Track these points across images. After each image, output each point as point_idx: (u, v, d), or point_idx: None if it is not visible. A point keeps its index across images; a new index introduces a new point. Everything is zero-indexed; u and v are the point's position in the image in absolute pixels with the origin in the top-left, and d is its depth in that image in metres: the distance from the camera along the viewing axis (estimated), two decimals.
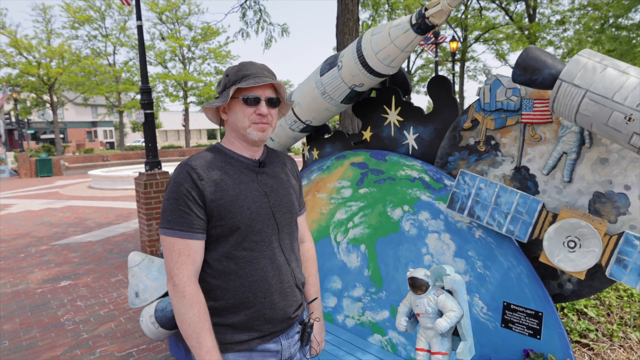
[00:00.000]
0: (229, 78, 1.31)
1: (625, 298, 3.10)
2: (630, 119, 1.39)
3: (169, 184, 1.24)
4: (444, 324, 1.51)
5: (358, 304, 2.67)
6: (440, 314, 1.58)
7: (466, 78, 25.10)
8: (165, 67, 25.86)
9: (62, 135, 39.87)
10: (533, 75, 1.61)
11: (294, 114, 2.74)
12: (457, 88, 22.29)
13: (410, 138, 2.48)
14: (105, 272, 5.20)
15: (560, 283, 1.97)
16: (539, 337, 1.90)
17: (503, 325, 2.02)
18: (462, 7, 19.25)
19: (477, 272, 2.11)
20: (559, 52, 19.31)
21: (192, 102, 27.08)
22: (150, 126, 5.88)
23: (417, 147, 2.45)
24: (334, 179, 2.88)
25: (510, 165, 2.06)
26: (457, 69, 21.98)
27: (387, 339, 2.48)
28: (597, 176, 1.79)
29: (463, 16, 20.08)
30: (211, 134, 56.64)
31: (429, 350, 1.62)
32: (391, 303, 2.49)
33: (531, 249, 2.01)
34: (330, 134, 3.08)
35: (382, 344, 2.50)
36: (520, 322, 1.96)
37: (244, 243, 1.26)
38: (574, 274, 1.75)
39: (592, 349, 2.46)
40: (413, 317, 1.70)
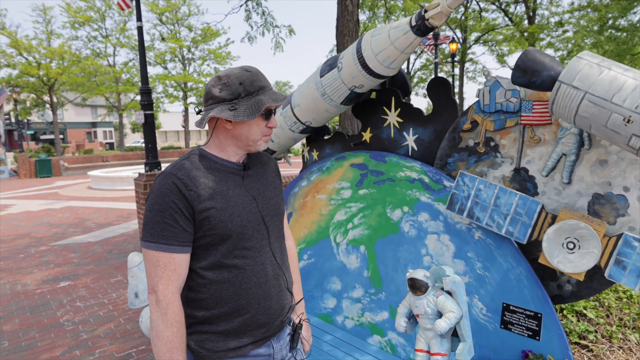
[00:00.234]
0: (243, 87, 1.22)
1: (625, 299, 3.10)
2: (629, 121, 1.39)
3: (152, 195, 1.18)
4: (443, 325, 1.51)
5: (357, 305, 2.67)
6: (440, 315, 1.58)
7: (466, 79, 25.13)
8: (165, 68, 25.86)
9: (61, 136, 39.84)
10: (532, 77, 1.62)
11: (294, 115, 2.74)
12: (457, 89, 22.32)
13: (410, 139, 2.48)
14: (105, 273, 5.19)
15: (560, 284, 1.98)
16: (538, 338, 1.90)
17: (502, 326, 2.02)
18: (462, 9, 19.28)
19: (476, 273, 2.11)
20: (559, 55, 19.35)
21: (191, 103, 27.06)
22: (150, 127, 5.88)
23: (416, 148, 2.46)
24: (334, 180, 2.88)
25: (509, 166, 2.06)
26: (457, 70, 22.01)
27: (387, 340, 2.48)
28: (596, 178, 1.80)
29: (463, 18, 20.11)
30: None
31: (428, 351, 1.63)
32: (390, 304, 2.49)
33: (530, 250, 2.01)
34: (330, 135, 3.08)
35: (382, 345, 2.50)
36: (520, 323, 1.96)
37: (236, 251, 1.23)
38: (573, 275, 1.75)
39: (591, 351, 2.46)
40: (412, 318, 1.71)
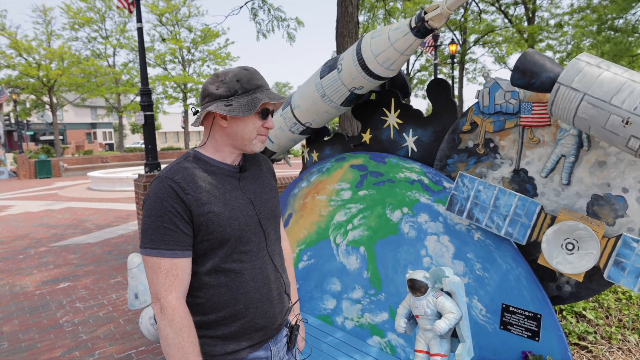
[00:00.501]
0: (240, 84, 1.22)
1: (624, 300, 3.11)
2: (627, 122, 1.40)
3: (149, 200, 1.16)
4: (443, 325, 1.51)
5: (357, 305, 2.67)
6: (439, 315, 1.59)
7: (465, 81, 25.16)
8: (165, 69, 25.88)
9: (61, 137, 39.82)
10: (531, 78, 1.62)
11: (294, 116, 2.75)
12: (456, 91, 22.34)
13: (410, 140, 2.49)
14: (105, 274, 5.19)
15: (559, 285, 1.98)
16: (537, 339, 1.91)
17: (502, 327, 2.02)
18: (461, 10, 19.31)
19: (476, 274, 2.12)
20: (558, 57, 19.38)
21: (191, 104, 27.07)
22: (150, 128, 5.89)
23: (416, 149, 2.46)
24: (334, 181, 2.88)
25: (509, 167, 2.07)
26: (456, 72, 22.03)
27: (386, 340, 2.48)
28: (595, 179, 1.80)
29: (462, 19, 20.14)
30: None
31: (428, 352, 1.63)
32: (390, 305, 2.49)
33: (530, 251, 2.02)
34: (330, 136, 3.09)
35: (381, 346, 2.50)
36: (519, 324, 1.96)
37: (233, 255, 1.22)
38: (573, 276, 1.76)
39: (590, 352, 2.46)
40: (412, 318, 1.71)
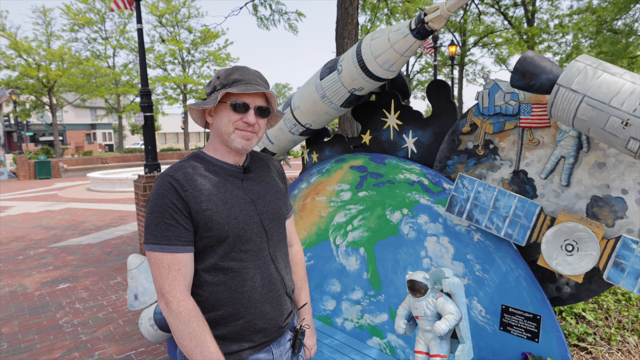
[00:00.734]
0: (219, 80, 1.24)
1: (624, 302, 3.11)
2: (627, 124, 1.40)
3: (151, 197, 1.18)
4: (442, 326, 1.52)
5: (357, 306, 2.67)
6: (439, 316, 1.59)
7: (465, 82, 25.19)
8: (165, 69, 25.89)
9: (61, 138, 39.84)
10: (531, 80, 1.62)
11: (294, 117, 2.75)
12: (456, 92, 22.36)
13: (410, 142, 2.49)
14: (104, 275, 5.19)
15: (559, 286, 1.98)
16: (537, 340, 1.91)
17: (501, 328, 2.02)
18: (461, 12, 19.33)
19: (475, 275, 2.12)
20: (557, 58, 19.40)
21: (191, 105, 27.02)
22: (149, 129, 5.89)
23: (416, 150, 2.47)
24: (334, 182, 2.89)
25: (508, 169, 2.07)
26: (456, 73, 22.05)
27: (386, 341, 2.48)
28: (595, 180, 1.81)
29: (462, 21, 20.16)
30: None
31: (427, 353, 1.63)
32: (390, 306, 2.49)
33: (529, 252, 2.02)
34: (330, 137, 3.09)
35: (381, 347, 2.50)
36: (519, 325, 1.97)
37: (232, 253, 1.22)
38: (572, 277, 1.76)
39: (590, 353, 2.47)
40: (412, 319, 1.71)
